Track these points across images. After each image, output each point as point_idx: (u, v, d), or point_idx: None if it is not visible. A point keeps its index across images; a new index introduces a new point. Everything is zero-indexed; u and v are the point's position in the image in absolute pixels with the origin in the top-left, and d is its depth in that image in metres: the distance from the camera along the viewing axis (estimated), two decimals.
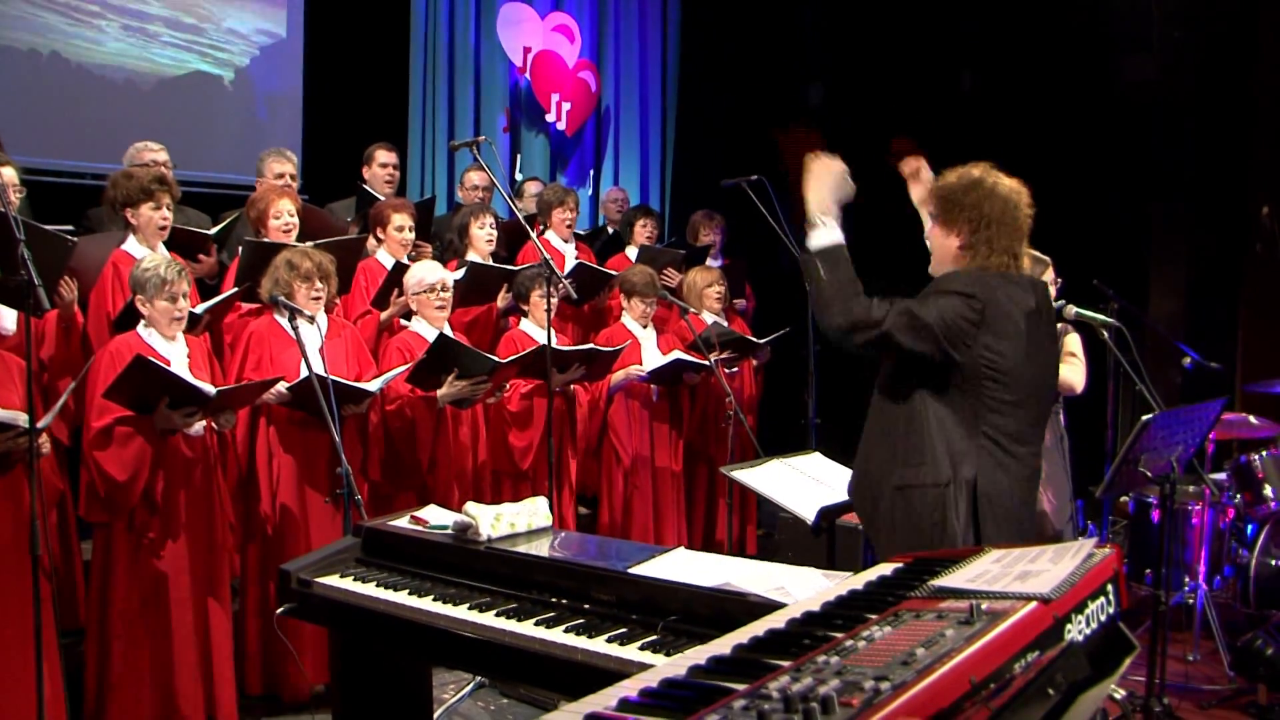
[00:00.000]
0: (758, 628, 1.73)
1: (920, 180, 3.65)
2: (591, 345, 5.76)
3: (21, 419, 3.61)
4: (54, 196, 6.02)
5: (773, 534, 6.61)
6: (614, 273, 6.59)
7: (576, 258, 6.63)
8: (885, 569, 2.05)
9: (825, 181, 3.14)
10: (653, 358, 6.21)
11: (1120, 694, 4.44)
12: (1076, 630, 1.70)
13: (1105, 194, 8.04)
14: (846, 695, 1.28)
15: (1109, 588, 1.86)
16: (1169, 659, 4.58)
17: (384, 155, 6.46)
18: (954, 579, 1.86)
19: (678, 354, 6.12)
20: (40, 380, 4.26)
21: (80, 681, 4.22)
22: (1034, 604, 1.63)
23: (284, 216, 5.23)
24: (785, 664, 1.46)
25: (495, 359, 5.11)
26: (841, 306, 2.99)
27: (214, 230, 5.40)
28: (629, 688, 1.44)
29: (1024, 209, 3.13)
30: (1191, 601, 5.41)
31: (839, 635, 1.58)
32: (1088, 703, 1.42)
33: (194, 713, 4.29)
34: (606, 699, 1.41)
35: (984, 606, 1.63)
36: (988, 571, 1.89)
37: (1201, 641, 5.38)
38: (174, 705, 4.25)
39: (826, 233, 3.08)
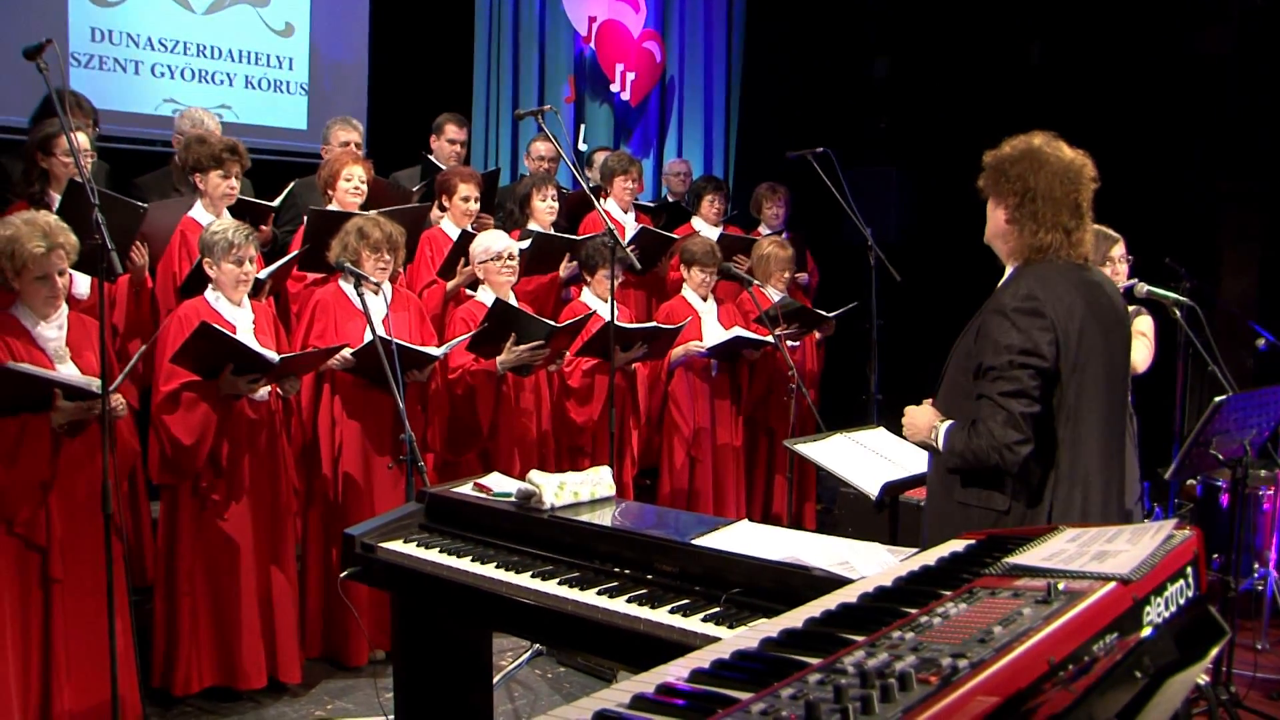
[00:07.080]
0: (829, 601, 1.71)
1: None
2: (654, 324, 5.76)
3: (94, 384, 3.67)
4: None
5: (831, 509, 6.57)
6: (676, 237, 6.57)
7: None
8: (957, 545, 2.01)
9: (919, 416, 3.04)
10: (713, 331, 6.18)
11: (1204, 680, 4.34)
12: (1155, 613, 1.65)
13: (1177, 170, 7.86)
14: (924, 672, 1.25)
15: (1189, 570, 1.81)
16: (1236, 647, 4.49)
17: (454, 131, 6.43)
18: (1029, 557, 1.83)
19: (738, 330, 6.08)
20: (113, 344, 4.33)
21: (149, 637, 4.31)
22: (1113, 584, 1.58)
23: (354, 180, 5.27)
24: (859, 639, 1.44)
25: (552, 323, 5.12)
26: (990, 446, 2.80)
27: (276, 201, 5.45)
28: (700, 658, 1.43)
29: (1083, 183, 2.93)
30: (1260, 589, 5.31)
31: (913, 611, 1.55)
32: (1176, 687, 1.38)
33: (257, 672, 4.37)
34: (678, 669, 1.39)
35: (1061, 586, 1.59)
36: (1063, 550, 1.84)
37: (1270, 630, 5.29)
38: (238, 664, 4.33)
39: (944, 439, 2.95)
